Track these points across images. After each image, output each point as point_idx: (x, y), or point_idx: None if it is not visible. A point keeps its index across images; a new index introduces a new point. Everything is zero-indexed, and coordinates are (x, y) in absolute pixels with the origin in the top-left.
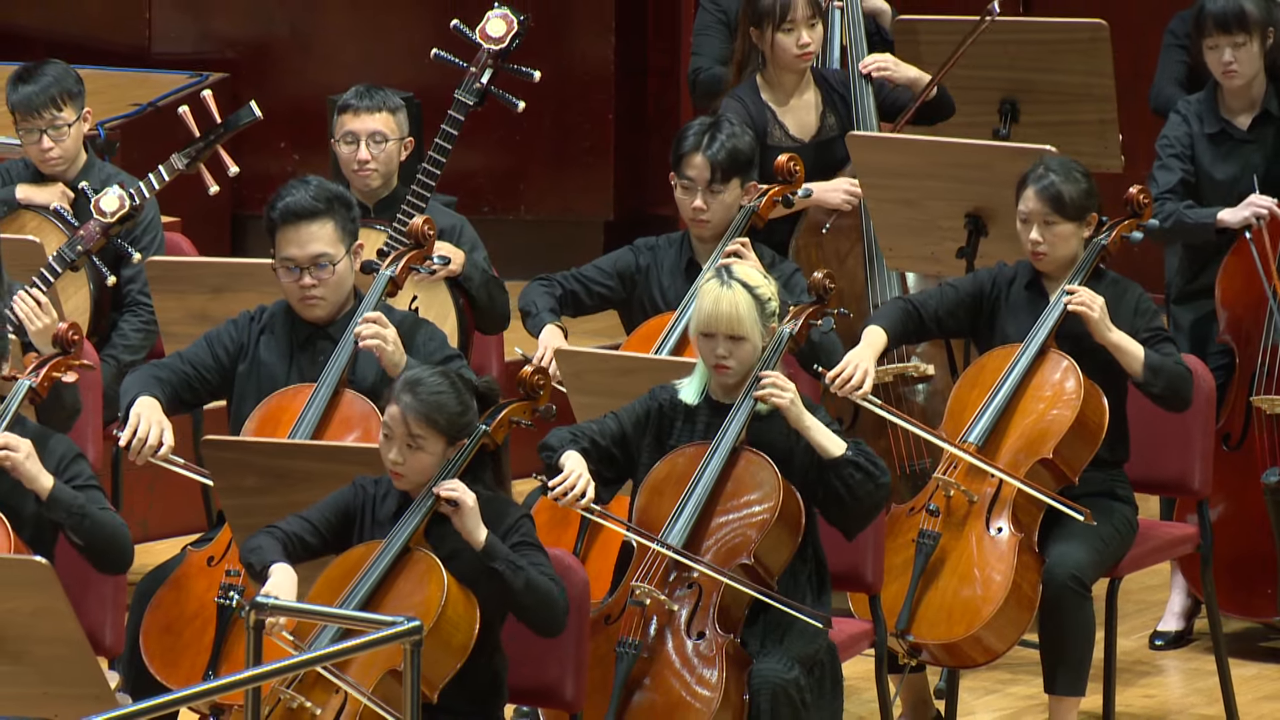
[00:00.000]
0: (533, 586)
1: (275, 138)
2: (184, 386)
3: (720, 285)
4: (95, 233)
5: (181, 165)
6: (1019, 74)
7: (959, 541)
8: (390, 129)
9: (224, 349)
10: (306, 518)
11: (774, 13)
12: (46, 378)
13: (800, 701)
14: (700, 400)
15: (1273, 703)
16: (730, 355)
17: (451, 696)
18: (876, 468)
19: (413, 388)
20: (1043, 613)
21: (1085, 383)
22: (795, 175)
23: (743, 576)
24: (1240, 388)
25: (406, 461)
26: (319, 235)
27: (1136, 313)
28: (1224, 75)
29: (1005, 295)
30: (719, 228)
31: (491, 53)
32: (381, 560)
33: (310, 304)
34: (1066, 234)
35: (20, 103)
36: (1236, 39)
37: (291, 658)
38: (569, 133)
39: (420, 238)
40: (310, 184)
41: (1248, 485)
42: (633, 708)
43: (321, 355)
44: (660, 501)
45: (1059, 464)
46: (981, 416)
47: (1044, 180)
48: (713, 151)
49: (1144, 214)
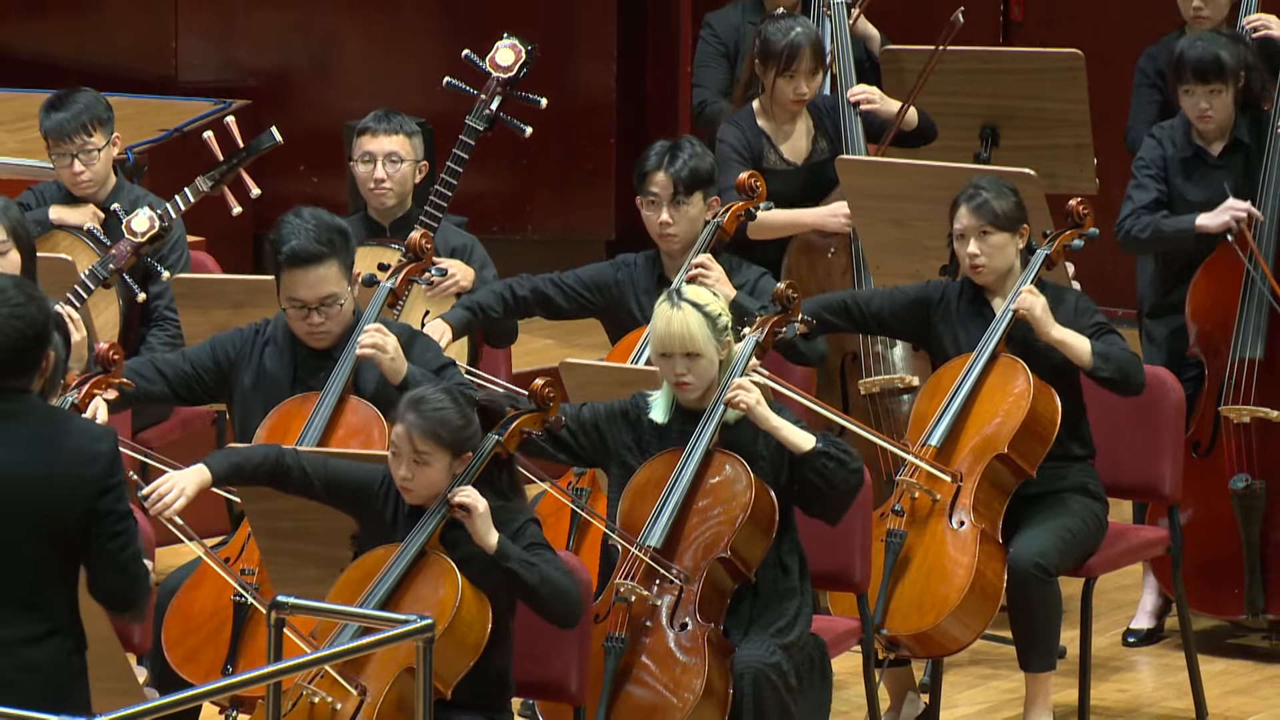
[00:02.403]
0: (547, 580)
1: (295, 161)
2: (180, 382)
3: (671, 307)
4: (126, 252)
5: (206, 187)
6: (999, 101)
7: (924, 537)
8: (406, 151)
9: (225, 354)
10: (327, 463)
11: (781, 59)
12: (88, 395)
13: (783, 685)
14: (670, 416)
15: (1239, 696)
16: (688, 372)
17: (463, 692)
18: (848, 455)
19: (416, 406)
20: (1011, 598)
21: (1035, 381)
22: (757, 191)
23: (722, 570)
24: (1209, 398)
25: (415, 477)
26: (326, 277)
27: (1077, 312)
28: (1199, 120)
29: (954, 307)
30: (686, 240)
31: (501, 81)
32: (399, 563)
33: (318, 339)
34: (1002, 244)
35: (53, 129)
36: (1213, 87)
37: (310, 654)
38: (573, 156)
39: (418, 251)
40: (310, 224)
41: (1216, 491)
42: (623, 698)
43: (322, 371)
44: (642, 504)
45: (1015, 459)
46: (940, 420)
47: (977, 198)
48: (675, 169)
49: (1084, 224)
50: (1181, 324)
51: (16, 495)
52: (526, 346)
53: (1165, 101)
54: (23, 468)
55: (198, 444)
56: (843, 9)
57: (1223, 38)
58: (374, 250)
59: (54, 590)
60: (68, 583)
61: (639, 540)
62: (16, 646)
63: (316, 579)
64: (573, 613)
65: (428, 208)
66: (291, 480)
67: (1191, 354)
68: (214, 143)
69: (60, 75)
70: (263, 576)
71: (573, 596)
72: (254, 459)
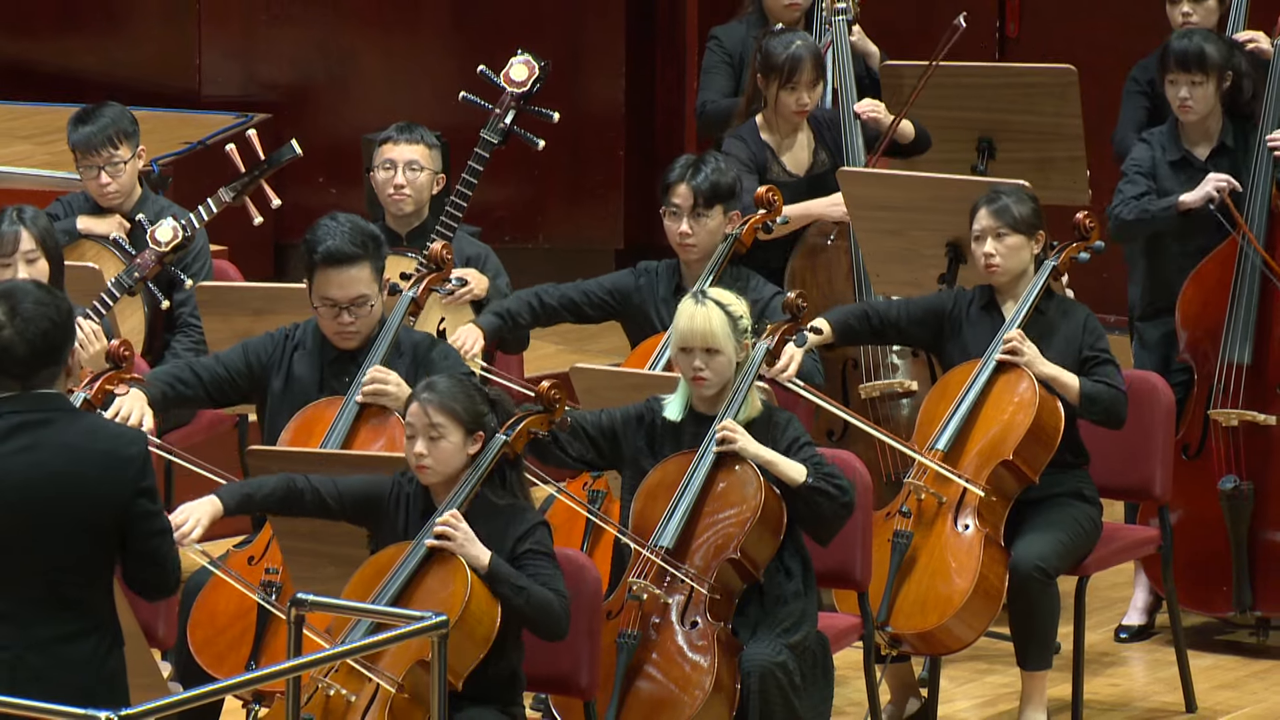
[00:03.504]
0: (533, 604)
1: (314, 173)
2: (214, 385)
3: (695, 304)
4: (151, 260)
5: (228, 198)
6: (995, 115)
7: (930, 539)
8: (425, 160)
9: (257, 358)
10: (336, 482)
11: (782, 71)
12: (100, 390)
13: (789, 684)
14: (685, 415)
15: (1227, 691)
16: (706, 367)
17: (475, 686)
18: (837, 488)
19: (430, 386)
20: (1011, 599)
21: (1040, 390)
22: (774, 204)
23: (731, 570)
24: (1199, 402)
25: (430, 453)
26: (359, 278)
27: (1085, 331)
28: (1179, 110)
29: (965, 314)
30: (705, 251)
31: (514, 95)
32: (410, 560)
33: (347, 338)
34: (1017, 246)
35: (80, 142)
36: (1195, 77)
37: (328, 649)
38: (583, 168)
39: (439, 261)
40: (345, 226)
41: (1205, 492)
42: (634, 693)
43: (347, 376)
44: (654, 505)
45: (1019, 465)
46: (948, 425)
47: (997, 201)
48: (697, 181)
49: (1090, 237)
50: (1172, 328)
51: (56, 496)
52: (538, 352)
53: (1154, 109)
54: (62, 471)
55: (220, 447)
56: (843, 25)
57: (1213, 35)
58: (391, 259)
59: (92, 589)
60: (105, 581)
61: (651, 541)
62: (57, 645)
63: (335, 576)
64: (557, 631)
65: (444, 218)
66: (305, 503)
67: (1181, 359)
68: (236, 155)
69: (87, 90)
70: (286, 575)
71: (558, 617)
72: (264, 488)
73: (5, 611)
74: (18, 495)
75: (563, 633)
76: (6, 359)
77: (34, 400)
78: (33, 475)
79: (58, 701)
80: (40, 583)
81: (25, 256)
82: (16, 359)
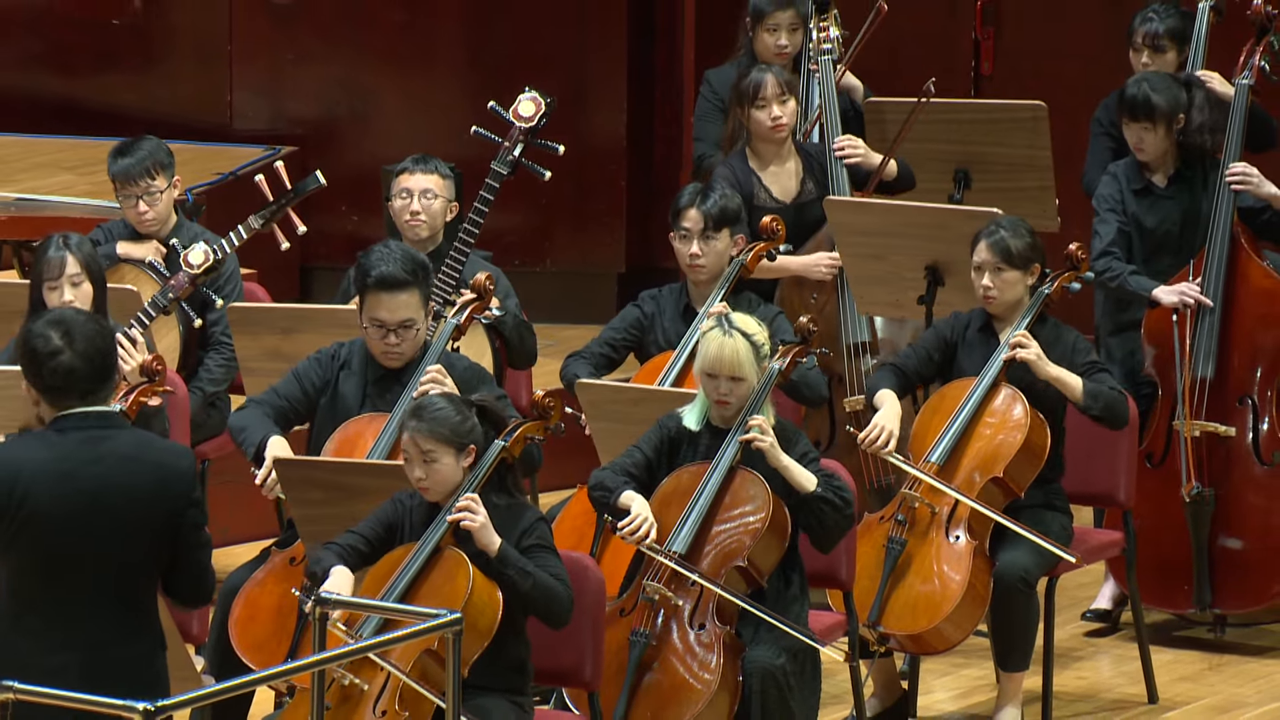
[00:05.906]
0: (539, 588)
1: (337, 202)
2: (279, 416)
3: (723, 334)
4: (184, 283)
5: (258, 225)
6: (971, 147)
7: (922, 547)
8: (439, 189)
9: (310, 384)
10: (358, 531)
11: (747, 93)
12: (135, 402)
13: (786, 684)
14: (702, 426)
15: (1187, 683)
16: (730, 393)
17: (484, 676)
18: (842, 499)
19: (417, 412)
20: (995, 606)
21: (1031, 411)
22: (777, 233)
23: (738, 576)
24: (1163, 414)
25: (429, 476)
26: (408, 303)
27: (1074, 350)
28: (1135, 150)
29: (963, 337)
30: (713, 273)
31: (523, 129)
32: (416, 559)
33: (393, 359)
34: (1013, 280)
35: (120, 173)
36: (1144, 125)
37: (350, 644)
38: (587, 197)
39: (482, 291)
40: (398, 254)
41: (1168, 498)
42: (644, 687)
43: (390, 394)
44: (668, 512)
45: (1008, 481)
46: (942, 440)
47: (995, 235)
48: (706, 206)
49: (1081, 267)
50: (1137, 344)
51: (117, 504)
52: (546, 368)
53: (1118, 148)
54: (122, 482)
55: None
56: (829, 64)
57: (1163, 81)
58: None
59: (147, 593)
60: (153, 586)
61: (665, 545)
62: (110, 646)
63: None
64: (561, 618)
65: (457, 243)
66: (364, 559)
67: (1146, 374)
68: (264, 185)
69: (127, 125)
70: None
71: (563, 604)
72: (326, 564)
73: (73, 615)
74: (89, 502)
75: (565, 619)
76: (73, 379)
77: (97, 418)
78: (103, 485)
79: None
80: (107, 585)
81: (71, 280)
82: (80, 378)
